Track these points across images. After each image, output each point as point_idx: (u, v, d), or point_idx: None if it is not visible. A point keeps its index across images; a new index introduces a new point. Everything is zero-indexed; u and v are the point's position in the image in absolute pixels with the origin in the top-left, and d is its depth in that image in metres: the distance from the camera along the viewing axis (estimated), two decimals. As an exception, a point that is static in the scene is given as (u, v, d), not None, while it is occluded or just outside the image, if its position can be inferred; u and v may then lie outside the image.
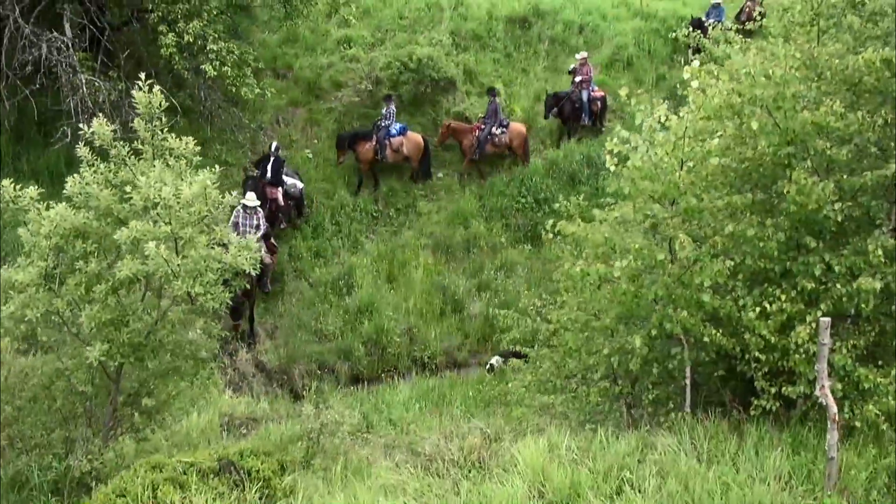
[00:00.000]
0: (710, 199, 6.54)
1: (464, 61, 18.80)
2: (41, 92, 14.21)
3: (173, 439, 9.25)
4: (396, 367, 14.33)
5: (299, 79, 18.18)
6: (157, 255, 6.81)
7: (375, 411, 12.11)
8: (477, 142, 17.04)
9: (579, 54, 18.11)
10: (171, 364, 8.04)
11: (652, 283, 6.56)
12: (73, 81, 13.45)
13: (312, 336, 14.44)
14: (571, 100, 17.77)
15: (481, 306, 15.12)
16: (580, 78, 17.71)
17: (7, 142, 14.67)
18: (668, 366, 6.99)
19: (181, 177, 7.48)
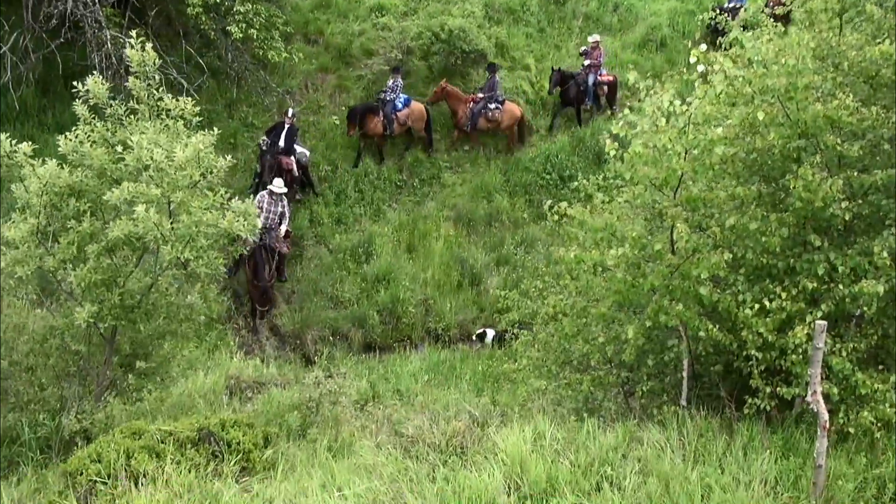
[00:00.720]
0: (712, 189, 6.11)
1: (496, 34, 18.31)
2: (68, 46, 14.12)
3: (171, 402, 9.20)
4: (410, 338, 14.16)
5: (330, 45, 17.86)
6: (147, 218, 6.61)
7: (383, 381, 11.94)
8: (470, 113, 16.56)
9: (591, 37, 17.45)
10: (165, 327, 7.89)
11: (649, 272, 6.19)
12: (98, 37, 13.30)
13: (328, 302, 14.31)
14: (577, 82, 17.18)
15: (499, 281, 14.82)
16: (589, 62, 17.09)
17: (33, 95, 14.65)
18: (665, 358, 6.68)
19: (178, 139, 7.26)
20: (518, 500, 5.23)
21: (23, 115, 14.81)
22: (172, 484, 5.71)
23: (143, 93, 7.51)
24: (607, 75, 17.38)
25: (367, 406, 9.71)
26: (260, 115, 16.38)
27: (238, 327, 13.35)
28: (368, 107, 16.14)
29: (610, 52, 18.98)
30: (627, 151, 6.12)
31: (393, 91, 16.21)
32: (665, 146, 6.00)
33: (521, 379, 8.37)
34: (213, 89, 16.07)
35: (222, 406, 9.68)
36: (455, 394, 10.72)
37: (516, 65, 18.10)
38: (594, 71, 17.19)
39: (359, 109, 16.08)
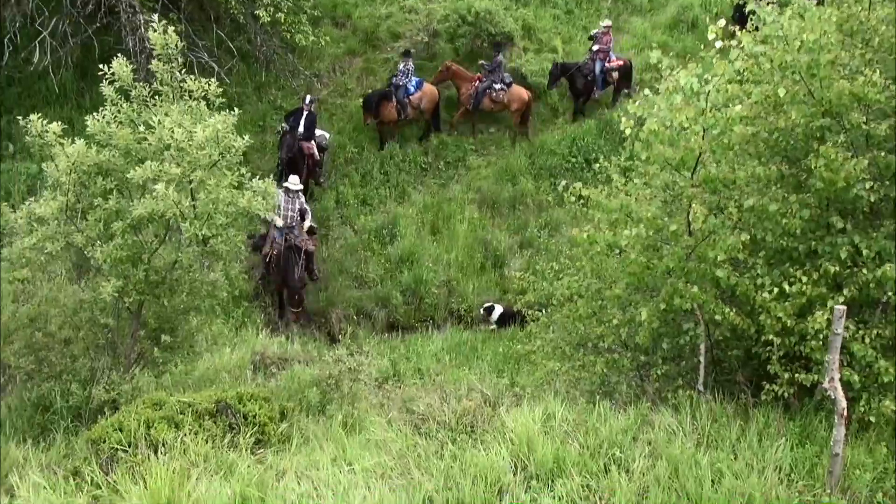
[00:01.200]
0: (731, 169, 5.92)
1: (523, 16, 18.04)
2: (104, 30, 14.21)
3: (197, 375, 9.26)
4: (433, 318, 14.09)
5: (357, 28, 17.77)
6: (166, 196, 6.62)
7: (404, 360, 11.91)
8: (475, 93, 16.23)
9: (603, 21, 16.92)
10: (189, 303, 7.93)
11: (665, 254, 6.04)
12: (132, 21, 13.36)
13: (353, 282, 14.29)
14: (583, 72, 16.60)
15: (522, 263, 14.68)
16: (597, 47, 16.57)
17: (72, 78, 14.79)
18: (681, 341, 6.52)
19: (200, 119, 7.25)
20: (524, 480, 5.15)
21: (62, 98, 15.00)
22: (189, 453, 5.74)
23: (167, 75, 7.49)
24: (617, 59, 16.71)
25: (386, 384, 9.70)
26: (288, 97, 16.35)
27: (265, 305, 13.38)
28: (383, 94, 15.86)
29: (639, 33, 18.64)
30: (643, 130, 5.96)
31: (405, 75, 15.88)
32: (682, 125, 5.83)
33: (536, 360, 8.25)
34: (242, 72, 16.09)
35: (246, 381, 9.74)
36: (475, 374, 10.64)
37: (543, 47, 17.83)
38: (601, 57, 16.53)
39: (374, 97, 15.80)
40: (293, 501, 5.15)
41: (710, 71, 5.74)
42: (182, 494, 5.06)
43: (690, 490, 5.04)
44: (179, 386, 8.36)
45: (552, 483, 5.15)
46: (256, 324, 12.71)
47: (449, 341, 12.96)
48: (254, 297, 13.34)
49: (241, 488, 5.22)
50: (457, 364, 11.57)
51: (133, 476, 5.31)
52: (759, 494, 4.95)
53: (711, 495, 4.97)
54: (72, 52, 14.36)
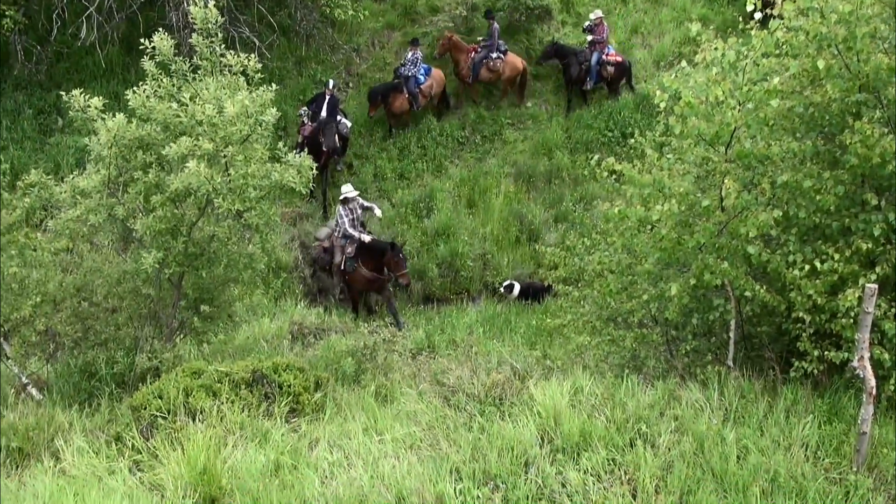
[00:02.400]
0: (766, 145, 5.76)
1: (561, -11, 17.71)
2: (149, 5, 14.33)
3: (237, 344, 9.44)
4: (468, 291, 14.11)
5: (396, 2, 17.65)
6: (198, 172, 6.69)
7: (439, 331, 11.97)
8: (472, 64, 15.91)
9: (593, 13, 16.27)
10: (227, 275, 8.05)
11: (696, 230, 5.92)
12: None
13: (390, 255, 14.33)
14: (579, 60, 16.11)
15: (557, 237, 14.56)
16: (592, 38, 16.03)
17: (118, 53, 14.97)
18: (710, 317, 6.43)
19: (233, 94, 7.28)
20: (550, 453, 5.15)
21: (108, 73, 15.21)
22: (226, 421, 5.86)
23: (206, 49, 7.53)
24: (615, 55, 16.15)
25: (420, 355, 9.76)
26: (328, 72, 16.33)
27: (303, 276, 13.52)
28: (391, 86, 15.46)
29: (678, 5, 18.15)
30: (679, 104, 5.83)
31: (413, 64, 15.44)
32: (718, 99, 5.69)
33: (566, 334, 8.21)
34: (283, 47, 16.12)
35: (284, 350, 9.91)
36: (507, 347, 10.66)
37: (582, 21, 17.48)
38: (599, 49, 16.02)
39: (380, 89, 15.41)
40: (325, 469, 5.23)
41: (749, 44, 5.58)
42: (218, 461, 5.17)
43: (715, 466, 4.98)
44: (219, 355, 8.56)
45: (578, 456, 5.14)
46: (296, 294, 12.90)
47: (483, 314, 12.96)
48: (293, 269, 13.48)
49: (275, 456, 5.32)
50: (490, 336, 11.59)
51: (172, 442, 5.43)
52: (785, 471, 4.88)
53: (736, 471, 4.91)
54: (117, 27, 14.53)
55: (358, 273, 12.53)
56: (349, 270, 12.55)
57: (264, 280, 11.15)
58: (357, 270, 12.51)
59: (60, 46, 14.97)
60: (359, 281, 12.64)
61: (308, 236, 14.21)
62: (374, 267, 12.50)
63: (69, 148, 13.61)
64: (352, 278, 12.67)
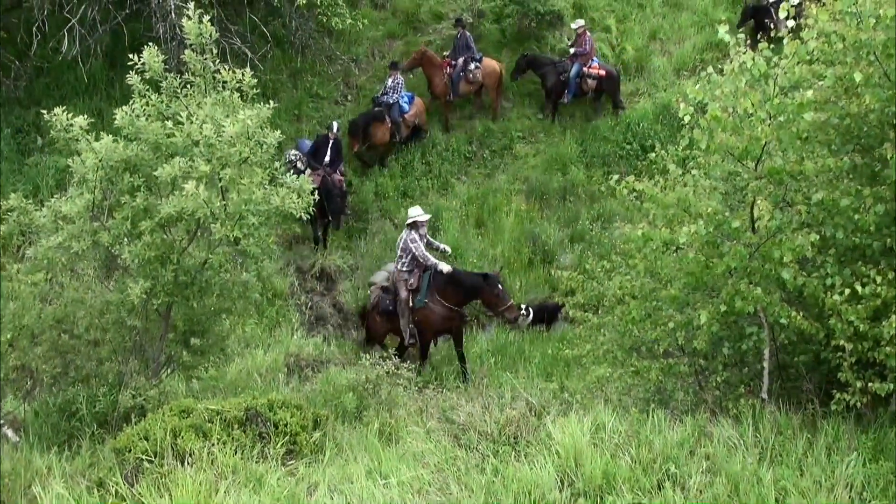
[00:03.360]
0: (799, 160, 5.75)
1: (573, -7, 17.86)
2: (134, 17, 14.45)
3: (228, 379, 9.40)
4: (477, 318, 14.03)
5: (398, 9, 17.81)
6: (196, 195, 6.70)
7: (447, 363, 11.92)
8: (450, 80, 15.76)
9: (575, 23, 16.24)
10: (219, 305, 8.03)
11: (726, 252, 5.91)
12: (162, 7, 13.57)
13: (392, 279, 14.33)
14: (557, 70, 16.08)
15: (573, 259, 14.55)
16: (574, 50, 16.05)
17: (101, 67, 15.09)
18: (743, 346, 6.41)
19: (232, 112, 7.31)
20: (571, 497, 5.10)
21: (91, 88, 15.30)
22: (217, 464, 5.82)
23: (199, 65, 7.56)
24: (598, 67, 16.10)
25: (427, 389, 9.71)
26: (325, 84, 16.46)
27: (300, 304, 13.51)
28: (372, 116, 15.14)
29: (700, 9, 18.24)
30: (704, 117, 5.84)
31: (395, 91, 15.25)
32: (747, 111, 5.70)
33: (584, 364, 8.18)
34: (277, 59, 16.23)
35: (279, 385, 9.87)
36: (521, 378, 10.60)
37: (596, 26, 17.63)
38: (582, 62, 16.03)
39: (361, 121, 15.04)
40: (325, 516, 5.18)
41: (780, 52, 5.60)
42: (210, 508, 5.13)
43: (752, 510, 4.92)
44: (209, 391, 8.51)
45: (601, 500, 5.10)
46: (291, 323, 12.87)
47: (494, 342, 12.91)
48: (289, 296, 13.48)
49: (270, 502, 5.26)
50: (502, 367, 11.53)
51: (159, 488, 5.40)
52: (829, 516, 4.82)
53: (775, 516, 4.85)
54: (101, 40, 14.62)
55: (430, 310, 11.22)
56: (418, 306, 11.27)
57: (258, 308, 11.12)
58: (428, 306, 11.20)
59: (40, 61, 15.07)
60: (433, 320, 11.26)
61: (304, 260, 14.22)
62: (457, 303, 11.29)
63: (49, 169, 13.67)
64: (423, 317, 11.30)
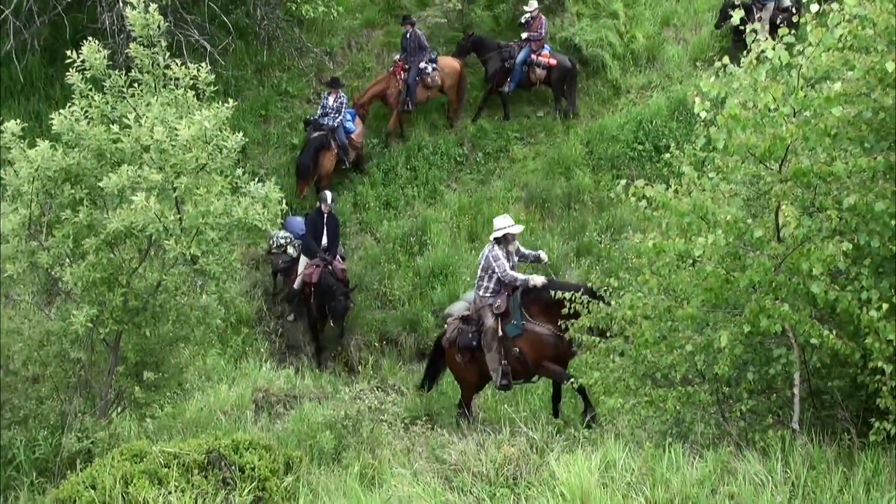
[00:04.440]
0: (828, 159, 5.85)
1: (576, -25, 18.08)
2: (76, 7, 14.53)
3: (187, 418, 9.42)
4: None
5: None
6: (147, 208, 6.74)
7: (438, 395, 11.96)
8: (405, 87, 15.71)
9: (529, 5, 16.33)
10: (176, 332, 8.07)
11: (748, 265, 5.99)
12: (108, -5, 13.69)
13: (374, 301, 14.44)
14: (502, 56, 16.17)
15: (580, 275, 14.63)
16: (526, 35, 16.21)
17: (39, 64, 15.15)
18: (770, 371, 6.47)
19: (187, 113, 7.37)
20: (578, 545, 5.14)
21: (28, 88, 15.36)
22: (176, 515, 5.83)
23: (147, 60, 7.63)
24: (550, 56, 16.26)
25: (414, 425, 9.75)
26: (295, 80, 16.61)
27: (269, 331, 13.55)
28: (317, 145, 14.88)
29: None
30: (722, 113, 5.93)
31: (338, 111, 15.07)
32: (769, 106, 5.79)
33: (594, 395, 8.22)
34: (240, 52, 16.36)
35: (247, 424, 9.89)
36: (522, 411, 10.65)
37: (601, 12, 17.83)
38: (534, 47, 16.14)
39: (309, 157, 14.77)
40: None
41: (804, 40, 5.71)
42: (166, 565, 5.14)
43: (783, 556, 4.98)
44: (165, 432, 8.53)
45: (611, 548, 5.13)
46: (260, 354, 12.91)
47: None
48: (256, 322, 13.52)
49: (236, 557, 5.29)
50: (500, 398, 11.58)
51: (109, 543, 5.40)
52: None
53: (809, 562, 4.91)
54: (39, 34, 14.71)
55: (533, 334, 10.09)
56: (513, 334, 10.18)
57: (221, 337, 11.15)
58: (528, 331, 10.11)
59: (-31, 58, 15.13)
60: (540, 347, 10.08)
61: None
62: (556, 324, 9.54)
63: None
64: (529, 345, 10.13)
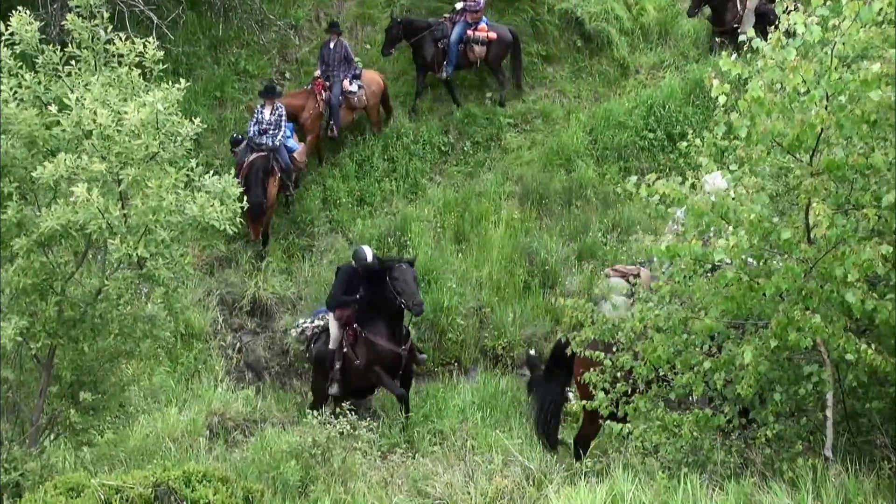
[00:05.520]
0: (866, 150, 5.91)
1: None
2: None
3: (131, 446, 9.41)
4: (458, 360, 14.11)
5: (350, -41, 18.01)
6: (88, 203, 6.73)
7: (421, 419, 11.98)
8: (328, 110, 15.34)
9: None
10: (118, 347, 8.05)
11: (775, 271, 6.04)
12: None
13: (346, 311, 14.38)
14: (434, 36, 16.05)
15: (582, 282, 14.69)
16: (463, 5, 16.06)
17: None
18: (800, 391, 6.54)
19: (133, 95, 7.37)
20: (581, 590, 5.17)
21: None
22: (118, 559, 5.83)
23: (86, 34, 7.63)
24: (486, 29, 16.20)
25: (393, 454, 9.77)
26: (255, 58, 16.60)
27: (225, 346, 13.52)
28: (264, 173, 14.18)
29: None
30: (744, 97, 5.98)
31: (276, 126, 14.47)
32: (798, 89, 5.84)
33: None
34: (192, 26, 16.32)
35: (200, 452, 9.88)
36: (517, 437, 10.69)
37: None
38: (469, 19, 16.09)
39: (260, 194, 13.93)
40: None
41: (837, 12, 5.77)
42: None
43: None
44: (105, 462, 8.54)
45: None
46: (214, 372, 12.87)
47: (481, 392, 12.96)
48: (210, 336, 13.49)
49: None
50: (491, 424, 11.61)
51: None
52: None
53: None
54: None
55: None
56: None
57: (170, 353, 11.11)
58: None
59: None
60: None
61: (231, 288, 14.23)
62: None
63: None
64: None
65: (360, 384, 12.22)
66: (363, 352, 11.87)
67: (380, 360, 11.81)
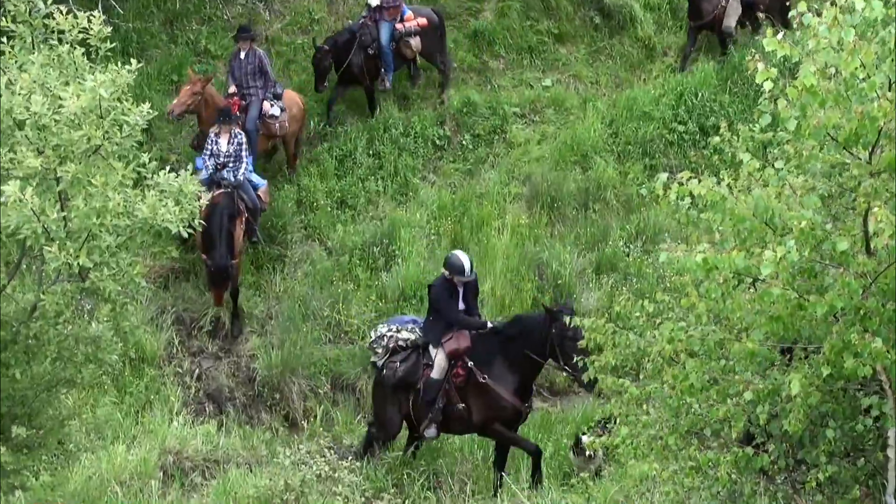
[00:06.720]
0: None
1: None
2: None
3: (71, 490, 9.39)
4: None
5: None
6: (21, 203, 6.72)
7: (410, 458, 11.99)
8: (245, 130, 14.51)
9: None
10: (57, 373, 8.03)
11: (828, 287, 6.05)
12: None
13: (325, 332, 14.45)
14: (362, 43, 16.04)
15: (600, 298, 14.72)
16: (377, 2, 16.13)
17: None
18: (857, 427, 6.53)
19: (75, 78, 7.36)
20: None
21: None
22: None
23: (22, 6, 7.63)
24: (416, 17, 16.32)
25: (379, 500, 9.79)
26: (217, 36, 16.68)
27: (182, 372, 13.52)
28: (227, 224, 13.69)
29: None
30: (794, 84, 5.99)
31: (236, 158, 13.99)
32: (856, 75, 5.85)
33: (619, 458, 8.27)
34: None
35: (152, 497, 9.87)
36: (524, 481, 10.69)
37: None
38: (389, 17, 16.18)
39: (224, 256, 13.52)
40: None
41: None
42: None
43: None
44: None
45: None
46: (169, 402, 12.86)
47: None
48: (165, 361, 13.48)
49: None
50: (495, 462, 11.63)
51: None
52: None
53: None
54: None
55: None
56: None
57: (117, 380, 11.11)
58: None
59: None
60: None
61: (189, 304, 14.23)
62: None
63: None
64: None
65: (458, 430, 12.06)
66: (480, 403, 11.52)
67: (499, 417, 11.54)
